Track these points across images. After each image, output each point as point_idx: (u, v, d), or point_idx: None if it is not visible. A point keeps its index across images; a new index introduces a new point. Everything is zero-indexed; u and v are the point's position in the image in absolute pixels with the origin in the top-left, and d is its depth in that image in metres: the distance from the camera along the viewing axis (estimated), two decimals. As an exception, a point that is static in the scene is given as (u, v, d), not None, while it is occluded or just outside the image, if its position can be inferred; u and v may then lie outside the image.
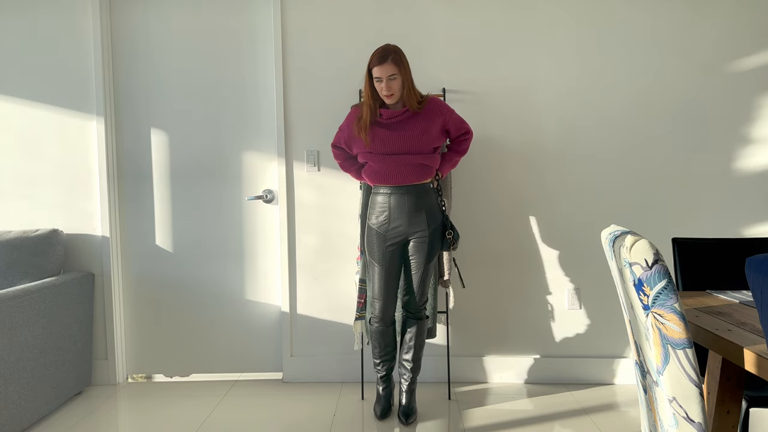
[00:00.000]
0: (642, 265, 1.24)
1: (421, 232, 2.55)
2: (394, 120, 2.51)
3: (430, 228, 2.56)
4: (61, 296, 2.85)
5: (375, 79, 2.46)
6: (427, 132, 2.51)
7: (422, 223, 2.54)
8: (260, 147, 3.24)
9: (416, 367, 2.74)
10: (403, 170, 2.51)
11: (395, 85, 2.46)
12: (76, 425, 2.70)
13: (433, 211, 2.58)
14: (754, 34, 3.04)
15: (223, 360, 3.31)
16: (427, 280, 2.63)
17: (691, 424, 1.21)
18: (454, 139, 2.66)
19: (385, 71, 2.43)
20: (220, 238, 3.27)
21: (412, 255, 2.59)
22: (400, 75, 2.45)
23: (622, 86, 3.08)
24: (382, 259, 2.59)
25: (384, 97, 2.48)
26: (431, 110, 2.54)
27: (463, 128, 2.64)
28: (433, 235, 2.57)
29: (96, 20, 3.13)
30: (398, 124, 2.51)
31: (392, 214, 2.55)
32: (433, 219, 2.57)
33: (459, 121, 2.62)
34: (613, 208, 3.12)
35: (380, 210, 2.57)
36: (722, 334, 1.42)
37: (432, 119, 2.53)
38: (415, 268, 2.60)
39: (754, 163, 3.07)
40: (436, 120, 2.53)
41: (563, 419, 2.71)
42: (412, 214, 2.53)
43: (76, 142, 3.18)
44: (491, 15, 3.10)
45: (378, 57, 2.44)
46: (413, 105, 2.50)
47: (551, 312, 3.17)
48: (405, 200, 2.53)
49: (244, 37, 3.21)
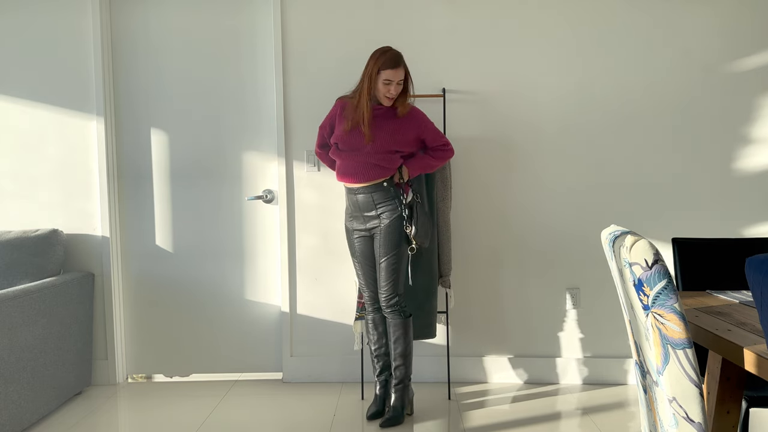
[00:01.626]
0: (642, 265, 1.23)
1: (376, 227, 2.64)
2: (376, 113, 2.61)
3: (383, 222, 2.62)
4: (61, 296, 2.85)
5: (384, 81, 2.55)
6: (395, 133, 2.60)
7: (375, 218, 2.63)
8: (260, 147, 3.24)
9: (405, 365, 2.67)
10: (359, 169, 2.61)
11: (400, 90, 2.60)
12: (76, 425, 2.70)
13: (385, 206, 2.62)
14: (754, 34, 3.04)
15: (223, 360, 3.31)
16: (394, 274, 2.63)
17: (691, 424, 1.21)
18: (432, 148, 2.73)
19: (398, 75, 2.55)
20: (220, 238, 3.27)
21: (375, 249, 2.67)
22: (406, 80, 2.61)
23: (623, 86, 3.08)
24: (354, 251, 2.75)
25: (387, 99, 2.59)
26: (410, 117, 2.65)
27: (442, 141, 2.73)
28: (386, 229, 2.62)
29: (96, 20, 3.13)
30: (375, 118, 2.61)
31: (353, 210, 2.69)
32: (387, 214, 2.61)
33: (438, 134, 2.73)
34: (613, 208, 3.12)
35: (347, 206, 2.74)
36: (722, 334, 1.42)
37: (407, 125, 2.63)
38: (379, 260, 2.65)
39: (754, 163, 3.07)
40: (410, 127, 2.64)
41: (563, 419, 2.72)
42: (366, 209, 2.64)
43: (76, 142, 3.18)
44: (491, 15, 3.10)
45: (391, 60, 2.54)
46: (404, 109, 2.62)
47: (551, 312, 3.17)
48: (360, 198, 2.63)
49: (244, 37, 3.21)
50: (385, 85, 2.55)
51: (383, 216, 2.62)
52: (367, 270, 2.73)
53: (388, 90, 2.56)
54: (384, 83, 2.55)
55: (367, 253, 2.71)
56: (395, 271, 2.64)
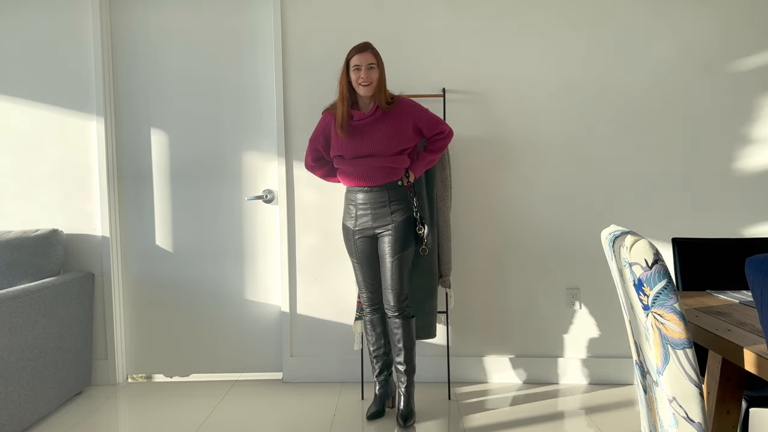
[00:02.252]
0: (642, 265, 1.24)
1: (386, 225, 2.60)
2: (365, 121, 2.58)
3: (395, 221, 2.59)
4: (61, 296, 2.85)
5: (353, 68, 2.52)
6: (396, 133, 2.57)
7: (387, 216, 2.60)
8: (260, 147, 3.24)
9: (410, 369, 2.68)
10: (370, 173, 2.58)
11: (374, 75, 2.53)
12: (76, 425, 2.70)
13: (398, 205, 2.61)
14: (754, 34, 3.04)
15: (223, 360, 3.31)
16: (401, 275, 2.61)
17: (691, 424, 1.21)
18: (429, 138, 2.68)
19: (365, 59, 2.51)
20: (220, 238, 3.27)
21: (381, 249, 2.63)
22: (378, 67, 2.55)
23: (623, 86, 3.08)
24: (354, 252, 2.69)
25: (361, 86, 2.52)
26: (401, 111, 2.60)
27: (438, 128, 2.66)
28: (398, 228, 2.59)
29: (96, 20, 3.13)
30: (368, 126, 2.58)
31: (359, 210, 2.64)
32: (399, 213, 2.60)
33: (433, 120, 2.65)
34: (613, 208, 3.12)
35: (349, 207, 2.68)
36: (722, 334, 1.42)
37: (402, 119, 2.59)
38: (386, 261, 2.61)
39: (754, 163, 3.07)
40: (406, 120, 2.59)
41: (563, 419, 2.72)
42: (377, 209, 2.61)
43: (76, 142, 3.18)
44: (491, 15, 3.10)
45: (358, 47, 2.55)
46: (383, 102, 2.56)
47: (551, 312, 3.17)
48: (370, 197, 2.61)
49: (244, 37, 3.21)
50: (355, 72, 2.52)
51: (395, 215, 2.60)
52: (368, 271, 2.70)
53: (358, 76, 2.51)
54: (354, 70, 2.52)
55: (369, 253, 2.67)
56: (404, 270, 2.62)
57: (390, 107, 2.58)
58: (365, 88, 2.53)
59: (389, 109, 2.58)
